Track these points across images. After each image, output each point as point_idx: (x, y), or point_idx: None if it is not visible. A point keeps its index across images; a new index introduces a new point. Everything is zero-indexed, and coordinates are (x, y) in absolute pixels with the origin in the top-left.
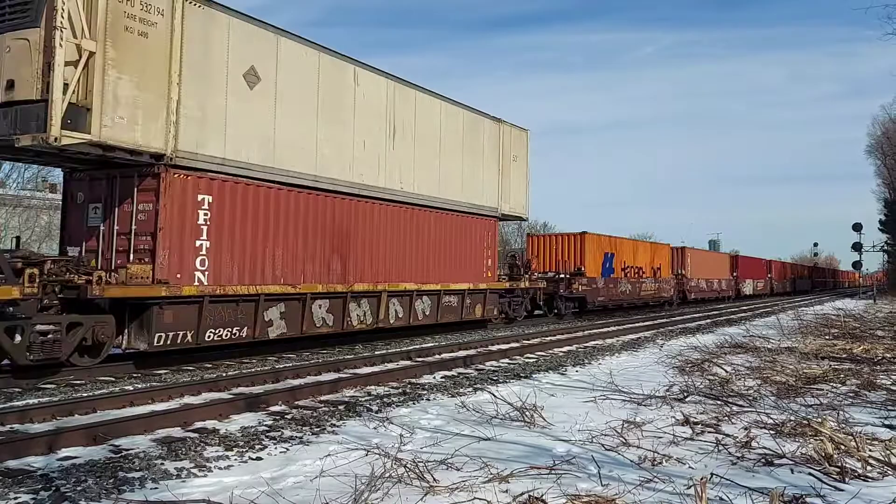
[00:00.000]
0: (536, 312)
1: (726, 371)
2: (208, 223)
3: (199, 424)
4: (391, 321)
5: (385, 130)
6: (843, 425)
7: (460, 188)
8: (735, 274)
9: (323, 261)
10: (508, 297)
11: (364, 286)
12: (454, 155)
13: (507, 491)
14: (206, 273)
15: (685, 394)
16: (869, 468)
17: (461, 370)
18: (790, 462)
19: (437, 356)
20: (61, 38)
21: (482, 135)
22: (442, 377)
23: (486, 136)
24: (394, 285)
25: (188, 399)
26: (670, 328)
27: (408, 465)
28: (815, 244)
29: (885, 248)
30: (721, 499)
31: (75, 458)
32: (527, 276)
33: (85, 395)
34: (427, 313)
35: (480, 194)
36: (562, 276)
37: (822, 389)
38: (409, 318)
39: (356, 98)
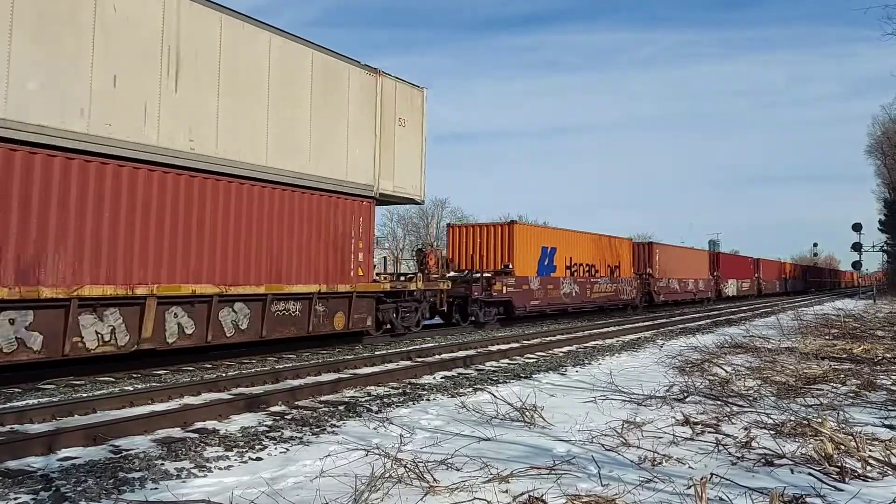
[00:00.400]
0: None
1: (726, 371)
2: None
3: (198, 425)
4: (170, 340)
5: (161, 63)
6: (843, 425)
7: (307, 156)
8: (716, 273)
9: (25, 252)
10: (395, 303)
11: (107, 289)
12: (296, 110)
13: (507, 491)
14: None
15: (685, 394)
16: (869, 468)
17: (461, 370)
18: (790, 462)
19: (436, 356)
20: None
21: (347, 88)
22: (442, 377)
23: (355, 90)
24: (171, 288)
25: (188, 399)
26: (670, 328)
27: (408, 466)
28: (815, 244)
29: (885, 248)
30: (721, 499)
31: (75, 458)
32: (423, 274)
33: (84, 395)
34: (244, 327)
35: (344, 166)
36: (478, 274)
37: (822, 389)
38: (206, 334)
39: (100, 9)
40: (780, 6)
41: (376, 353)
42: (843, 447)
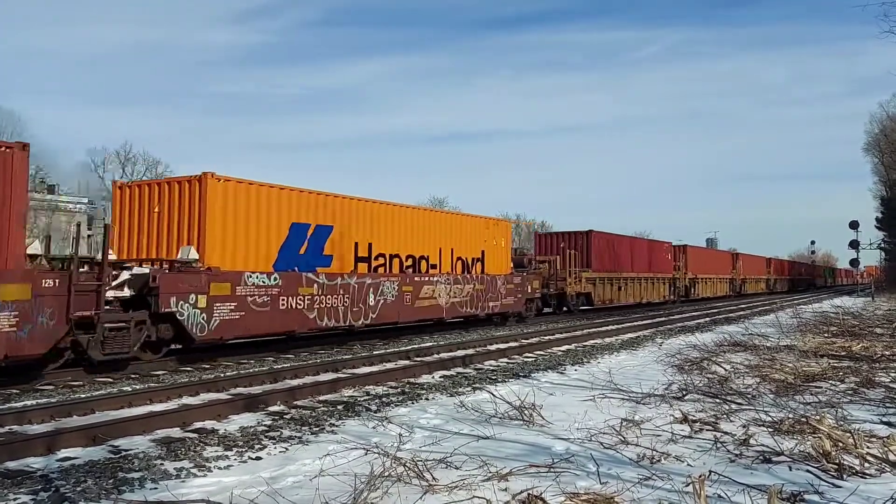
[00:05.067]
0: None
1: (725, 369)
2: None
3: (198, 425)
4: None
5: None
6: (842, 422)
7: None
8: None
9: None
10: None
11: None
12: None
13: (506, 489)
14: None
15: (684, 392)
16: (867, 465)
17: (460, 370)
18: (788, 459)
19: (435, 356)
20: None
21: None
22: (441, 377)
23: None
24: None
25: (187, 399)
26: (669, 327)
27: (407, 464)
28: (813, 242)
29: (882, 245)
30: (719, 496)
31: (74, 458)
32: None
33: (83, 395)
34: None
35: None
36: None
37: (821, 387)
38: None
39: None
40: (781, 4)
41: (374, 352)
42: (841, 444)
